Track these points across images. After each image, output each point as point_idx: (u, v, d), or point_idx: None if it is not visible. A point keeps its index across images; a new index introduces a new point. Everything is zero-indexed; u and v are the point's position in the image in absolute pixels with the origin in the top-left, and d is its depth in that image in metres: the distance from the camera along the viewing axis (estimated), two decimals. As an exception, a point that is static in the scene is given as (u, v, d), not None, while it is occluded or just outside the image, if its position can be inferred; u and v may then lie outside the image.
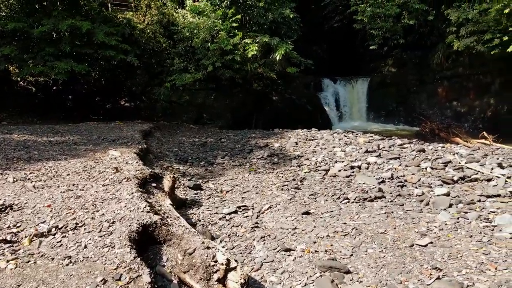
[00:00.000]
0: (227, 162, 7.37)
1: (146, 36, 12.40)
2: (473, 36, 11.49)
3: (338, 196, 5.12)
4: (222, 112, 13.01)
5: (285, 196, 5.25)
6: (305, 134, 10.12)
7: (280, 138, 9.55)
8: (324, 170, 6.43)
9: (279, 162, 7.11)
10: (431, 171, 6.19)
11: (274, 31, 13.43)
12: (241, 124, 13.30)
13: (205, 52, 11.85)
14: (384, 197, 5.02)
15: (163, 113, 12.77)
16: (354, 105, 17.69)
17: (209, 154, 8.06)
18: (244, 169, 6.80)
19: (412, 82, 16.38)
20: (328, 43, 25.19)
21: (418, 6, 12.69)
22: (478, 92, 13.87)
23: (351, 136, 10.07)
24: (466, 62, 13.77)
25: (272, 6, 13.27)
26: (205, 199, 5.40)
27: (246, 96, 13.46)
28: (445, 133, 11.94)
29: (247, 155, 7.81)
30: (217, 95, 13.02)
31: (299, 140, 9.16)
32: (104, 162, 5.09)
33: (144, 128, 9.07)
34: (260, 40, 11.89)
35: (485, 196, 4.89)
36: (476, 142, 10.98)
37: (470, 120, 13.98)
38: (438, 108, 15.28)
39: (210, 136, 10.14)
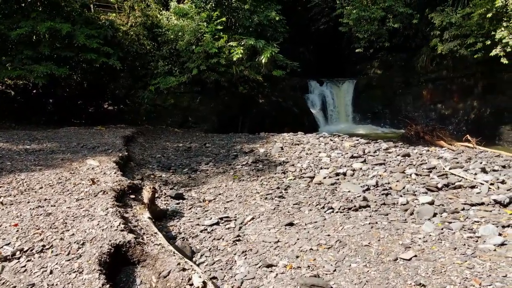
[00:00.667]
0: (211, 169, 7.22)
1: (130, 38, 12.15)
2: (457, 40, 11.60)
3: (322, 206, 5.03)
4: (207, 116, 12.85)
5: (268, 206, 5.14)
6: (291, 138, 10.04)
7: (266, 143, 9.45)
8: (309, 177, 6.35)
9: (264, 169, 7.00)
10: (415, 177, 6.17)
11: (260, 33, 13.32)
12: (227, 127, 13.16)
13: (190, 55, 11.67)
14: (368, 206, 4.95)
15: (148, 117, 12.53)
16: (340, 107, 17.73)
17: (193, 160, 7.89)
18: (228, 177, 6.67)
19: (398, 85, 16.51)
20: (315, 45, 25.24)
21: (403, 9, 12.75)
22: (462, 95, 14.04)
23: (337, 140, 10.04)
24: (450, 65, 13.91)
25: (257, 9, 13.17)
26: (186, 210, 5.25)
27: (232, 99, 13.32)
28: (430, 136, 12.02)
29: (232, 161, 7.68)
30: (202, 98, 12.85)
31: (284, 145, 9.07)
32: (81, 173, 4.90)
33: (127, 134, 8.85)
34: (245, 43, 11.77)
35: (469, 204, 4.87)
36: (460, 145, 11.08)
37: (454, 123, 14.14)
38: (423, 111, 15.42)
39: (195, 141, 9.97)
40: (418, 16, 13.01)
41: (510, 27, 10.10)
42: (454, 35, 11.74)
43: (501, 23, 10.29)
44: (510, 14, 10.16)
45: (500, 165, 7.96)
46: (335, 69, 22.38)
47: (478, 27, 10.89)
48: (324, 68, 23.52)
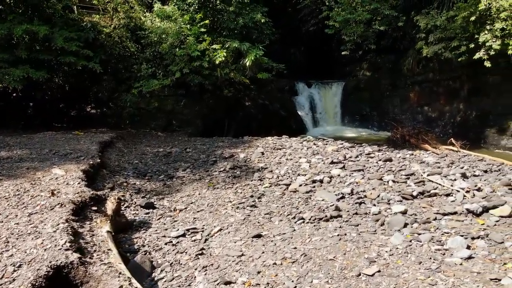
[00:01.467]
0: (188, 176, 7.09)
1: (112, 40, 11.96)
2: (441, 43, 11.56)
3: (293, 216, 4.92)
4: (191, 119, 12.69)
5: (239, 216, 5.02)
6: (274, 143, 9.93)
7: (248, 147, 9.32)
8: (285, 184, 6.23)
9: (241, 176, 6.88)
10: (392, 185, 6.08)
11: (245, 36, 13.20)
12: (212, 130, 13.01)
13: (173, 57, 11.51)
14: (340, 216, 4.85)
15: (131, 120, 12.34)
16: (329, 110, 17.65)
17: (171, 166, 7.75)
18: (203, 184, 6.54)
19: (385, 87, 16.46)
20: (305, 47, 25.12)
21: (388, 12, 12.69)
22: (448, 97, 14.01)
23: (321, 144, 9.94)
24: (436, 67, 13.87)
25: (243, 11, 13.05)
26: (155, 220, 5.11)
27: (217, 102, 13.18)
28: (415, 139, 11.98)
29: (210, 168, 7.55)
30: (186, 102, 12.69)
31: (266, 149, 8.95)
32: (43, 183, 4.74)
33: (105, 139, 8.67)
34: (230, 45, 11.64)
35: (442, 214, 4.78)
36: (445, 148, 11.04)
37: (441, 125, 14.11)
38: (410, 113, 15.38)
39: (176, 145, 9.82)
40: (404, 18, 12.96)
41: (493, 30, 10.07)
42: (439, 38, 11.70)
43: (484, 26, 10.26)
44: (493, 17, 10.13)
45: (481, 170, 7.91)
46: (326, 71, 22.25)
47: (462, 30, 10.86)
48: (315, 69, 23.38)
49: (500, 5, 9.79)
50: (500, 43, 9.97)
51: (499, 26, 9.88)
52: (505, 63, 11.30)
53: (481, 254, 3.75)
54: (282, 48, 25.17)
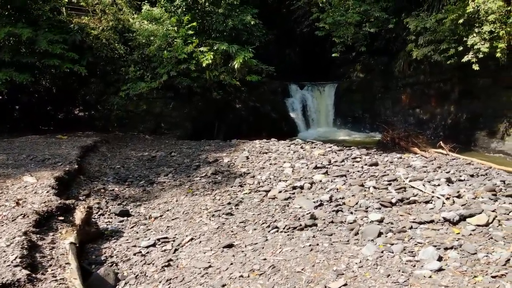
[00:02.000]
0: (168, 181, 7.00)
1: (100, 42, 11.86)
2: (431, 46, 11.49)
3: (268, 224, 4.83)
4: (180, 122, 12.60)
5: (213, 225, 4.93)
6: (260, 146, 9.85)
7: (234, 151, 9.24)
8: (264, 191, 6.14)
9: (222, 181, 6.79)
10: (373, 191, 6.00)
11: (235, 38, 13.12)
12: (202, 133, 12.93)
13: (161, 60, 11.42)
14: (315, 225, 4.76)
15: (119, 123, 12.24)
16: (321, 112, 17.58)
17: (153, 171, 7.66)
18: (182, 190, 6.45)
19: (378, 89, 16.40)
20: (300, 47, 25.03)
21: (379, 14, 12.63)
22: (439, 99, 13.96)
23: (308, 148, 9.86)
24: (427, 70, 13.82)
25: (232, 13, 12.96)
26: (128, 228, 5.02)
27: (206, 105, 13.09)
28: (405, 142, 11.90)
29: (192, 173, 7.46)
30: (175, 104, 12.60)
31: (251, 153, 8.87)
32: (10, 192, 4.64)
33: (88, 143, 8.58)
34: (218, 47, 11.56)
35: (418, 222, 4.70)
36: (434, 151, 10.96)
37: (432, 128, 14.05)
38: (402, 115, 15.32)
39: (162, 149, 9.73)
40: (394, 20, 12.89)
41: (481, 33, 10.00)
42: (428, 40, 11.63)
43: (473, 29, 10.19)
44: (482, 20, 10.07)
45: (468, 174, 7.85)
46: (321, 72, 22.18)
47: (451, 32, 10.79)
48: (310, 70, 23.29)
49: (488, 8, 9.72)
50: (488, 46, 9.90)
51: (488, 29, 9.82)
52: (495, 65, 11.25)
53: (452, 266, 3.67)
54: (277, 49, 25.08)
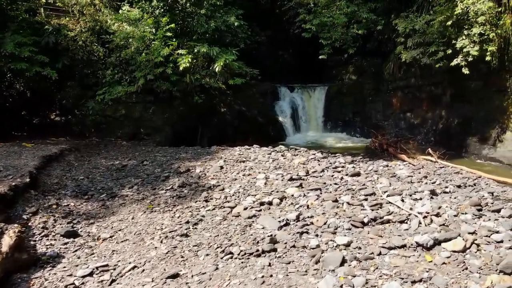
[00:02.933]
0: (131, 195, 6.53)
1: (76, 44, 11.40)
2: (420, 48, 11.04)
3: (223, 249, 4.36)
4: (161, 127, 12.13)
5: (163, 249, 4.46)
6: (239, 154, 9.40)
7: (209, 160, 8.78)
8: (230, 207, 5.68)
9: (187, 195, 6.33)
10: (346, 208, 5.53)
11: (218, 40, 12.66)
12: (184, 138, 12.47)
13: (138, 63, 10.96)
14: (275, 250, 4.29)
15: (96, 129, 11.78)
16: (311, 115, 17.11)
17: (119, 183, 7.19)
18: (142, 206, 5.98)
19: (368, 92, 15.94)
20: (293, 48, 24.61)
21: (367, 15, 12.16)
22: (431, 103, 13.50)
23: (289, 156, 9.40)
24: (417, 72, 13.35)
25: (215, 14, 12.50)
26: (71, 252, 4.55)
27: (188, 109, 12.62)
28: (394, 148, 11.46)
29: (159, 185, 6.99)
30: (155, 108, 12.13)
31: (227, 163, 8.40)
32: None
33: (53, 152, 8.11)
34: (198, 50, 11.09)
35: (388, 248, 4.23)
36: (422, 158, 10.52)
37: (423, 132, 13.59)
38: (393, 119, 14.87)
39: (136, 157, 9.27)
40: (382, 22, 12.43)
41: (471, 35, 9.55)
42: (417, 42, 11.18)
43: (462, 31, 9.74)
44: (471, 22, 9.61)
45: (455, 185, 7.43)
46: (315, 74, 21.77)
47: (440, 34, 10.34)
48: (305, 72, 22.86)
49: (478, 9, 9.27)
50: (478, 48, 9.45)
51: (477, 31, 9.37)
52: (487, 68, 10.80)
53: (418, 305, 3.21)
54: (270, 50, 24.67)
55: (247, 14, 21.09)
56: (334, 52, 18.06)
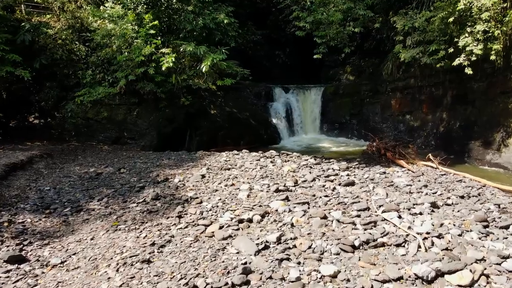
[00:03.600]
0: (99, 209, 5.87)
1: (55, 43, 10.74)
2: (419, 47, 10.37)
3: (187, 281, 3.68)
4: (145, 130, 11.47)
5: (117, 280, 3.79)
6: (225, 160, 8.74)
7: (192, 167, 8.12)
8: (204, 225, 5.01)
9: (159, 210, 5.66)
10: (336, 226, 4.87)
11: (206, 38, 12.00)
12: (171, 143, 11.83)
13: (120, 63, 10.30)
14: (247, 283, 3.62)
15: (77, 132, 11.12)
16: (306, 117, 16.46)
17: (88, 194, 6.53)
18: (107, 223, 5.32)
19: (366, 93, 15.27)
20: (291, 48, 24.01)
21: (364, 12, 11.50)
22: (431, 105, 12.84)
23: (279, 162, 8.75)
24: (417, 73, 12.69)
25: (204, 11, 11.84)
26: (11, 284, 3.88)
27: (175, 111, 11.96)
28: (392, 153, 10.78)
29: (131, 197, 6.33)
30: (140, 111, 11.48)
31: (211, 170, 7.75)
32: None
33: (19, 159, 7.45)
34: (184, 49, 10.43)
35: (381, 281, 3.57)
36: (422, 164, 9.86)
37: (423, 136, 12.93)
38: (391, 122, 14.21)
39: (114, 163, 8.61)
40: (380, 19, 11.78)
41: (474, 33, 8.89)
42: (417, 41, 10.52)
43: (464, 29, 9.08)
44: (474, 18, 8.95)
45: (457, 195, 6.80)
46: (313, 74, 21.20)
47: (441, 32, 9.68)
48: (302, 72, 22.27)
49: (482, 4, 8.61)
50: (482, 47, 8.80)
51: (481, 28, 8.71)
52: (491, 68, 10.16)
53: None
54: (267, 50, 24.05)
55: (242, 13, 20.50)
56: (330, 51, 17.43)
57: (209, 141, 12.80)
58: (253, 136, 13.75)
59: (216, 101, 13.64)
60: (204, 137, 12.82)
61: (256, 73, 20.92)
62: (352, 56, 18.21)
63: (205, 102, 13.31)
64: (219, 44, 11.90)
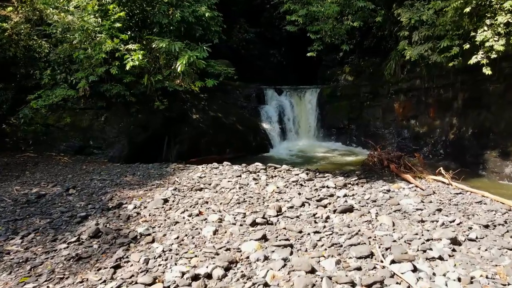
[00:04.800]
0: (16, 251, 4.44)
1: (7, 38, 9.32)
2: (428, 43, 8.98)
3: None
4: (115, 139, 10.04)
5: None
6: (199, 177, 7.34)
7: (157, 187, 6.72)
8: (144, 284, 3.59)
9: (92, 256, 4.23)
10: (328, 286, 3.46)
11: (186, 33, 10.60)
12: (146, 152, 10.43)
13: (79, 61, 8.87)
14: None
15: (35, 141, 9.69)
16: (301, 122, 15.07)
17: (13, 227, 5.11)
18: (16, 277, 3.89)
19: (366, 95, 13.88)
20: (286, 47, 22.83)
21: (363, 3, 10.12)
22: (439, 109, 11.47)
23: (263, 179, 7.36)
24: (423, 73, 11.31)
25: (184, 2, 10.43)
26: None
27: (151, 117, 10.55)
28: (396, 165, 9.40)
29: (65, 232, 4.90)
30: (109, 116, 10.06)
31: (178, 192, 6.34)
32: None
33: None
34: (157, 45, 9.03)
35: None
36: (432, 179, 8.48)
37: (430, 144, 11.54)
38: (395, 127, 12.82)
39: (67, 181, 7.19)
40: (382, 12, 10.39)
41: (495, 26, 7.50)
42: (425, 36, 9.13)
43: (483, 21, 7.70)
44: (495, 9, 7.57)
45: (480, 224, 5.46)
46: (309, 74, 19.96)
47: (454, 26, 8.30)
48: (299, 73, 21.12)
49: (504, -9, 7.23)
50: (504, 42, 7.41)
51: (503, 20, 7.33)
52: (510, 68, 8.80)
53: None
54: (260, 48, 22.73)
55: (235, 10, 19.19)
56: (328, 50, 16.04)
57: (190, 150, 11.41)
58: (241, 143, 12.36)
59: (199, 104, 12.23)
60: (184, 145, 11.42)
61: (249, 73, 19.69)
62: (351, 55, 16.89)
63: (186, 106, 11.90)
64: (200, 40, 10.48)
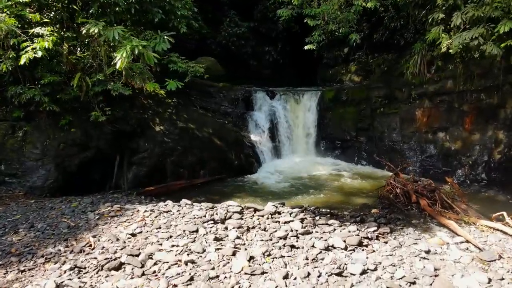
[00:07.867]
0: None
1: None
2: (477, 27, 6.18)
3: None
4: (38, 162, 7.24)
5: None
6: (129, 236, 4.70)
7: (46, 262, 3.98)
8: None
9: None
10: None
11: (140, 19, 7.84)
12: (87, 179, 7.71)
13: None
14: None
15: None
16: (297, 132, 12.25)
17: None
18: None
19: (379, 100, 11.05)
20: (283, 44, 20.31)
21: (381, -23, 7.38)
22: (479, 119, 8.66)
23: (232, 236, 4.75)
24: (459, 71, 8.48)
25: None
26: None
27: (92, 131, 7.76)
28: (429, 202, 6.59)
29: None
30: (30, 131, 7.28)
31: (74, 277, 3.56)
32: None
33: None
34: (87, 30, 6.27)
35: None
36: (487, 227, 5.69)
37: (467, 165, 8.72)
38: (416, 142, 9.99)
39: None
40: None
41: None
42: (472, 18, 6.32)
43: None
44: None
45: None
46: (310, 74, 17.45)
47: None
48: (297, 72, 18.79)
49: None
50: None
51: None
52: None
53: None
54: (253, 45, 20.22)
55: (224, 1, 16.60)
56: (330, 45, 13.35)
57: (151, 173, 8.65)
58: (218, 163, 9.57)
59: (165, 112, 9.45)
60: (143, 167, 8.64)
61: (241, 73, 16.97)
62: (357, 51, 14.16)
63: (147, 115, 9.12)
64: (160, 28, 7.67)
